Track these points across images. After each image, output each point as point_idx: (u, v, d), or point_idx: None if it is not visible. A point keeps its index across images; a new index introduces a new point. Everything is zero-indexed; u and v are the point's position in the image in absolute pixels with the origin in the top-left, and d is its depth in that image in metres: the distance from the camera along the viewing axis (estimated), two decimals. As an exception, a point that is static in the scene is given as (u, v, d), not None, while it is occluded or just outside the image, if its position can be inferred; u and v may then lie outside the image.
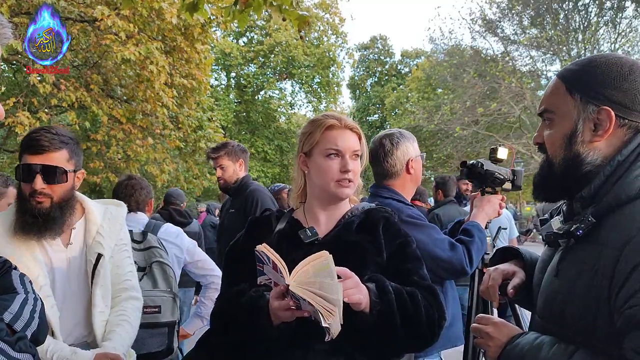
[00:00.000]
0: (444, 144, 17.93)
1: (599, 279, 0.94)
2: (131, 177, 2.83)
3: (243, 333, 1.31)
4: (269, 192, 3.20)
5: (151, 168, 9.18)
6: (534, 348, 1.03)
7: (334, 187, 1.44)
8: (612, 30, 16.86)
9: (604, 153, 1.04)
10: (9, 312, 1.23)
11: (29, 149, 1.64)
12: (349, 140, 1.45)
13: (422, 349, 1.50)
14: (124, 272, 1.88)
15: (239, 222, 2.97)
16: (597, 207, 1.01)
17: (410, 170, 2.16)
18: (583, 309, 0.97)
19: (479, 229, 2.09)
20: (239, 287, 1.39)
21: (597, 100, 1.03)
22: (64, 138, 1.69)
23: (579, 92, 1.05)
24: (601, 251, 0.95)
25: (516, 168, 2.29)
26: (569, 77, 1.09)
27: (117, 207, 1.94)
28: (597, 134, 1.04)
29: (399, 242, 1.47)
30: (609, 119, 1.02)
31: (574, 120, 1.05)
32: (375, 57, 33.05)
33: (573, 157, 1.06)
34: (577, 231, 1.00)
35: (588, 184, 1.04)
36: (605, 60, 1.05)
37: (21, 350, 1.04)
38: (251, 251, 1.44)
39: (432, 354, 2.07)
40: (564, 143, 1.07)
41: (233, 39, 24.12)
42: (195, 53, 8.59)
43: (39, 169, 1.63)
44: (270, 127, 23.40)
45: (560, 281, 1.04)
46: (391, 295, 1.29)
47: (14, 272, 1.41)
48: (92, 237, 1.78)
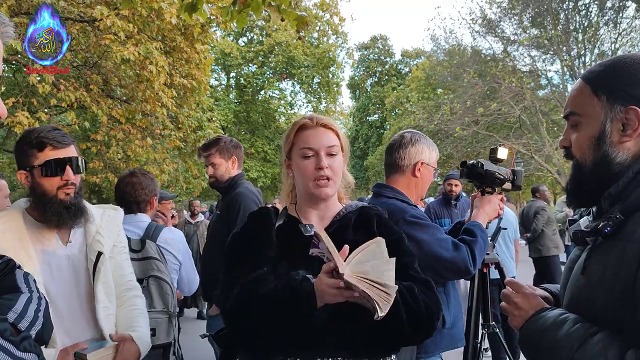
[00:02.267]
0: (444, 144, 17.90)
1: (624, 273, 0.94)
2: (134, 173, 2.67)
3: (273, 321, 1.27)
4: (256, 196, 2.90)
5: (151, 168, 9.16)
6: (557, 323, 1.03)
7: (313, 188, 1.44)
8: (613, 30, 16.84)
9: (634, 152, 1.03)
10: (14, 311, 1.23)
11: (48, 145, 1.69)
12: (321, 138, 1.45)
13: (421, 342, 1.52)
14: (126, 272, 1.92)
15: (220, 225, 2.85)
16: (624, 204, 1.00)
17: (417, 173, 2.15)
18: (609, 302, 0.97)
19: (481, 229, 2.09)
20: (258, 275, 1.36)
21: (624, 100, 1.02)
22: (67, 135, 1.78)
23: (605, 92, 1.05)
24: (626, 247, 0.95)
25: (516, 168, 2.30)
26: (593, 79, 1.08)
27: (114, 210, 1.98)
28: (625, 134, 1.03)
29: (393, 238, 1.48)
30: (637, 118, 1.01)
31: (601, 122, 1.05)
32: (375, 57, 33.07)
33: (602, 158, 1.05)
34: (604, 228, 0.99)
35: (616, 182, 1.04)
36: (631, 60, 1.05)
37: (26, 350, 1.04)
38: (255, 240, 1.45)
39: (434, 355, 2.07)
40: (593, 145, 1.06)
41: (233, 39, 24.11)
42: (195, 53, 8.59)
43: (67, 161, 1.71)
44: (270, 127, 23.39)
45: (587, 277, 1.04)
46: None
47: (18, 271, 1.41)
48: (91, 237, 1.81)
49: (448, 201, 5.20)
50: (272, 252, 1.41)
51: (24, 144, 1.71)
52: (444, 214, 5.15)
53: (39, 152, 1.69)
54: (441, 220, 5.06)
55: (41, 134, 1.70)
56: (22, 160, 1.72)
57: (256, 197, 2.89)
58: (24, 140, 1.72)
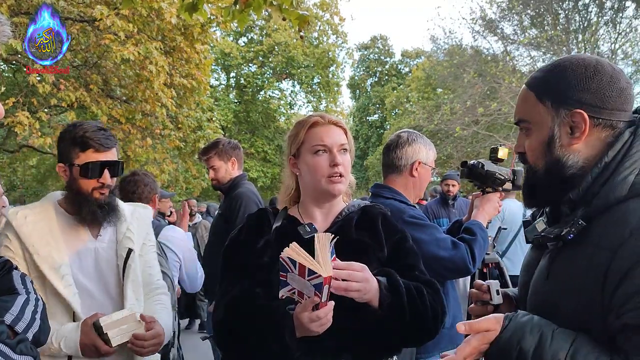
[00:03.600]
0: (444, 144, 17.89)
1: (592, 280, 0.95)
2: (135, 173, 2.80)
3: (258, 346, 1.28)
4: (257, 197, 2.99)
5: (151, 168, 9.17)
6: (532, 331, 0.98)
7: (326, 184, 1.43)
8: (612, 30, 16.84)
9: (585, 154, 1.06)
10: (10, 313, 1.23)
11: (91, 147, 1.71)
12: (334, 135, 1.45)
13: (424, 343, 1.51)
14: (155, 272, 1.94)
15: (220, 225, 2.95)
16: (586, 210, 1.02)
17: (414, 173, 2.15)
18: (577, 309, 0.98)
19: (481, 228, 2.09)
20: (243, 289, 1.37)
21: (568, 105, 1.05)
22: (112, 136, 1.81)
23: (549, 98, 1.07)
24: (593, 253, 0.96)
25: (516, 168, 2.29)
26: (536, 85, 1.10)
27: (144, 209, 2.02)
28: (574, 137, 1.05)
29: (397, 237, 1.48)
30: (584, 120, 1.03)
31: (549, 127, 1.07)
32: (375, 57, 33.04)
33: (554, 162, 1.07)
34: (568, 235, 1.01)
35: (573, 186, 1.05)
36: (569, 64, 1.07)
37: (22, 353, 1.04)
38: (251, 245, 1.44)
39: (433, 355, 2.07)
40: (544, 150, 1.09)
41: (233, 39, 24.10)
42: (195, 53, 8.58)
43: (106, 164, 1.74)
44: (270, 127, 23.36)
45: (552, 283, 1.05)
46: (402, 289, 1.30)
47: (15, 272, 1.40)
48: (122, 234, 1.83)
49: (446, 201, 5.26)
50: (268, 257, 1.41)
51: (68, 138, 1.73)
52: (441, 214, 5.19)
53: (81, 151, 1.71)
54: (439, 220, 5.09)
55: (87, 133, 1.71)
56: (64, 154, 1.74)
57: (257, 197, 2.95)
58: (69, 135, 1.73)
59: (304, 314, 1.17)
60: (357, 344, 1.31)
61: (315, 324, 1.17)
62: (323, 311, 1.15)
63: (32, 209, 1.75)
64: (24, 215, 1.70)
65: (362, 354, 1.33)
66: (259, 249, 1.43)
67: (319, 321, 1.16)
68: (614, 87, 1.03)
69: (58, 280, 1.64)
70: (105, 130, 1.78)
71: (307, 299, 1.17)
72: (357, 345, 1.32)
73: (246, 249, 1.46)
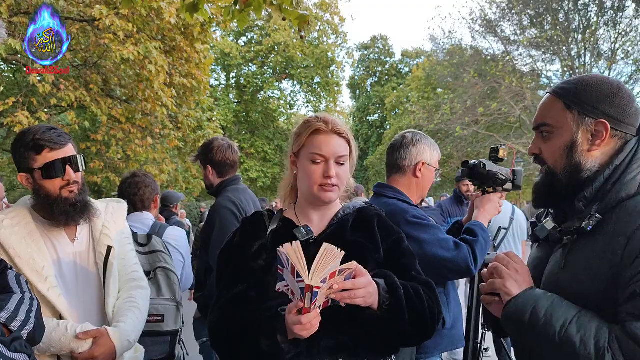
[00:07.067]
0: (444, 144, 17.90)
1: (607, 263, 1.07)
2: (135, 174, 2.78)
3: (251, 347, 1.29)
4: (237, 205, 2.62)
5: (150, 168, 9.16)
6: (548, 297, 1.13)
7: (317, 191, 1.44)
8: (612, 30, 16.84)
9: (600, 160, 1.19)
10: (5, 312, 1.23)
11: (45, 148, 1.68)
12: (334, 146, 1.44)
13: (421, 343, 1.52)
14: (130, 263, 1.93)
15: (205, 236, 2.73)
16: (601, 205, 1.15)
17: (418, 173, 2.15)
18: (591, 291, 1.09)
19: (482, 229, 2.08)
20: (237, 293, 1.38)
21: (595, 115, 1.18)
22: (64, 133, 1.77)
23: (577, 107, 1.20)
24: (609, 240, 1.09)
25: (516, 168, 2.29)
26: (565, 95, 1.23)
27: (118, 202, 2.00)
28: (594, 144, 1.19)
29: (393, 238, 1.49)
30: (606, 129, 1.17)
31: (572, 132, 1.20)
32: (375, 57, 33.08)
33: (574, 165, 1.20)
34: (587, 227, 1.13)
35: (587, 186, 1.19)
36: (597, 80, 1.22)
37: (17, 351, 1.04)
38: (246, 249, 1.44)
39: (433, 355, 2.07)
40: (565, 153, 1.21)
41: (233, 39, 24.12)
42: (194, 53, 8.58)
43: (66, 161, 1.71)
44: (270, 127, 23.39)
45: (568, 271, 1.16)
46: (400, 290, 1.31)
47: (10, 272, 1.41)
48: (99, 231, 1.83)
49: (461, 201, 5.39)
50: (263, 260, 1.41)
51: (21, 146, 1.70)
52: (456, 213, 5.28)
53: (36, 155, 1.68)
54: (452, 218, 5.14)
55: (36, 135, 1.68)
56: (21, 163, 1.72)
57: (236, 206, 2.62)
58: (20, 143, 1.71)
59: (289, 316, 1.19)
60: (355, 344, 1.32)
61: (298, 328, 1.16)
62: (306, 317, 1.15)
63: (7, 214, 1.72)
64: (0, 219, 1.68)
65: (360, 354, 1.33)
66: (254, 253, 1.44)
67: (302, 326, 1.16)
68: (632, 106, 1.20)
69: (42, 283, 1.63)
70: (56, 129, 1.75)
71: (295, 300, 1.18)
72: (355, 346, 1.32)
73: (241, 253, 1.46)
